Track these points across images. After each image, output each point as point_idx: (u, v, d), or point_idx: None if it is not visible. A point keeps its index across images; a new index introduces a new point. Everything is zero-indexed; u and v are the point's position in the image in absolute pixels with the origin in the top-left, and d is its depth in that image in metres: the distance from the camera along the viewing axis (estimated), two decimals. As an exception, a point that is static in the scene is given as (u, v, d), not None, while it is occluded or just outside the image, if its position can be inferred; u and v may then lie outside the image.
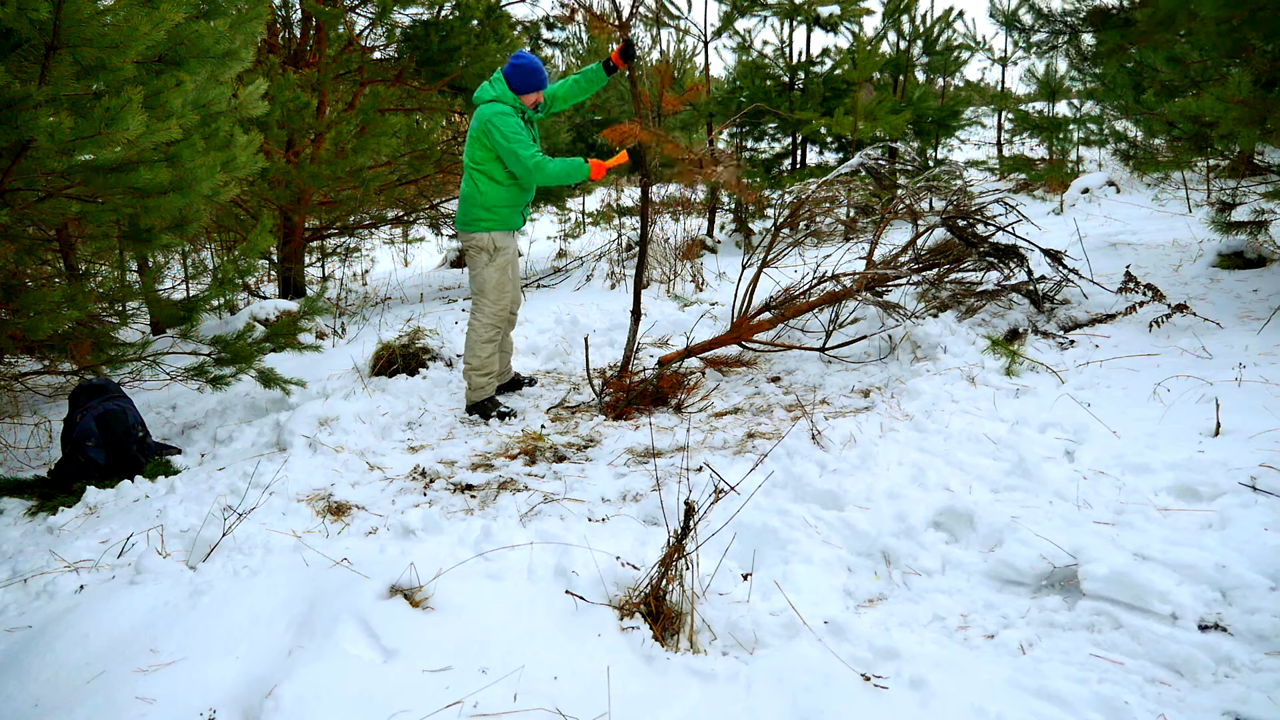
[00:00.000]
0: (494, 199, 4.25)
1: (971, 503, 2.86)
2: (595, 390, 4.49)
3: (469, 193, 4.29)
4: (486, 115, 4.13)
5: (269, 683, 2.04)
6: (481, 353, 4.34)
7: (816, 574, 2.56)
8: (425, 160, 8.16)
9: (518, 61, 4.19)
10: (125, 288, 4.75)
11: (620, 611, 2.29)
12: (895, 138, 9.36)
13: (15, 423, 4.79)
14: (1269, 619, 2.15)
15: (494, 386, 4.47)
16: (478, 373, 4.36)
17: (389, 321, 6.95)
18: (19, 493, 3.68)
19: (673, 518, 2.55)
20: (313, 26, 7.51)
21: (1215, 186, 7.72)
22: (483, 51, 7.30)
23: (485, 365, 4.36)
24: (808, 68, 9.21)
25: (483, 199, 4.24)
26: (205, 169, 3.61)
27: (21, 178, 3.27)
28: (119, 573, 2.73)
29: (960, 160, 11.30)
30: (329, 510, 3.27)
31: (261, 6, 3.94)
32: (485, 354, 4.35)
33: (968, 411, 3.70)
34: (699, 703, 2.02)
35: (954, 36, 10.61)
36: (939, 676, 2.03)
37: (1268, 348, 3.95)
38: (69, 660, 2.21)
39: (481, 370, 4.36)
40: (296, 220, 7.73)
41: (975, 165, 11.68)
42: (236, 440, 4.14)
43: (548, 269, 9.16)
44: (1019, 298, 4.94)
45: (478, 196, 4.25)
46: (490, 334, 4.36)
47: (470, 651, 2.15)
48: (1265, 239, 5.43)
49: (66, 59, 2.99)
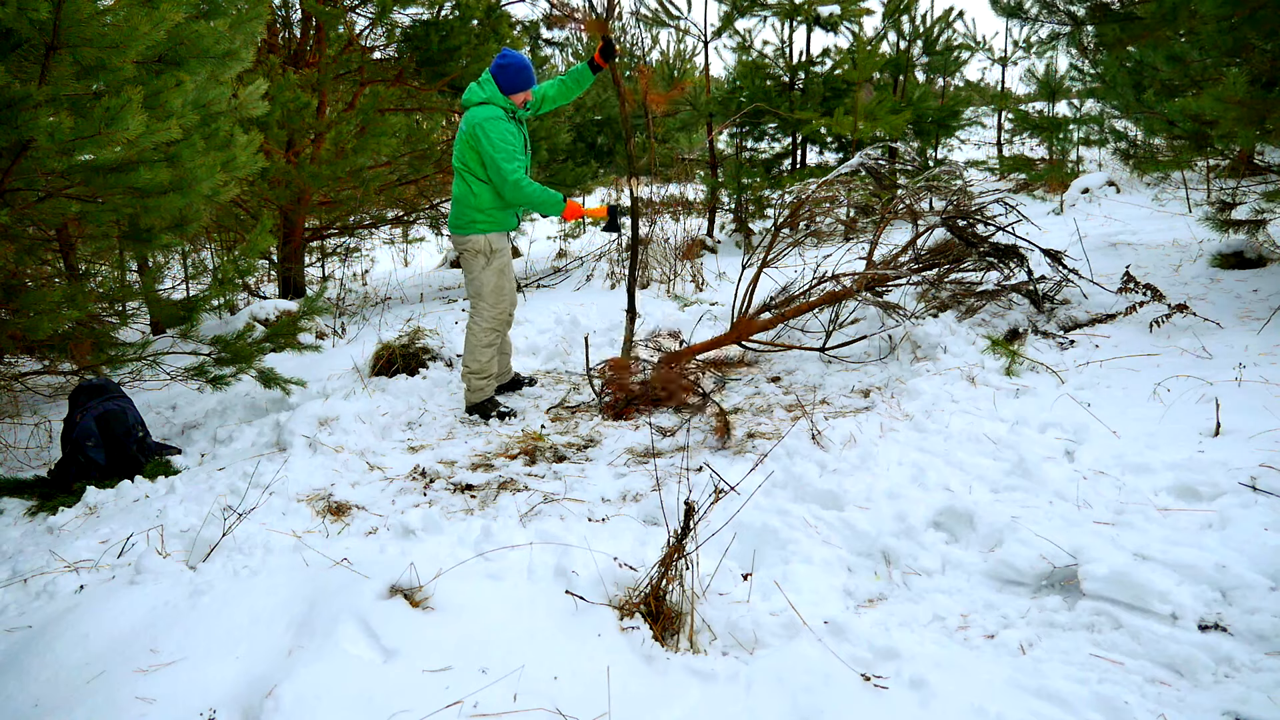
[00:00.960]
0: (487, 200, 4.24)
1: (971, 503, 2.86)
2: (595, 390, 4.49)
3: (462, 195, 4.28)
4: (478, 119, 4.12)
5: (269, 683, 2.04)
6: (481, 357, 4.36)
7: (816, 574, 2.56)
8: (425, 160, 8.16)
9: (504, 61, 4.18)
10: (125, 288, 4.75)
11: (620, 611, 2.29)
12: (895, 138, 9.37)
13: (15, 423, 4.79)
14: (1269, 619, 2.15)
15: (493, 388, 4.48)
16: (477, 375, 4.38)
17: (389, 321, 6.95)
18: (19, 493, 3.68)
19: (673, 518, 2.55)
20: (313, 26, 7.51)
21: (1215, 186, 7.73)
22: (482, 51, 7.30)
23: (485, 369, 4.38)
24: (808, 68, 9.21)
25: (476, 201, 4.24)
26: (205, 169, 3.61)
27: (21, 178, 3.27)
28: (119, 573, 2.73)
29: (960, 160, 11.29)
30: (329, 510, 3.27)
31: (261, 6, 3.94)
32: (485, 358, 4.37)
33: (968, 411, 3.70)
34: (699, 703, 2.02)
35: (954, 36, 10.60)
36: (939, 676, 2.03)
37: (1268, 348, 3.95)
38: (69, 660, 2.21)
39: (481, 373, 4.38)
40: (296, 220, 7.73)
41: (975, 165, 11.68)
42: (236, 440, 4.14)
43: (548, 269, 9.16)
44: (1019, 298, 4.94)
45: (471, 199, 4.24)
46: (489, 338, 4.37)
47: (470, 651, 2.15)
48: (1265, 238, 5.43)
49: (66, 59, 2.99)
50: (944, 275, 4.96)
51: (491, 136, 4.08)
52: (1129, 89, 5.58)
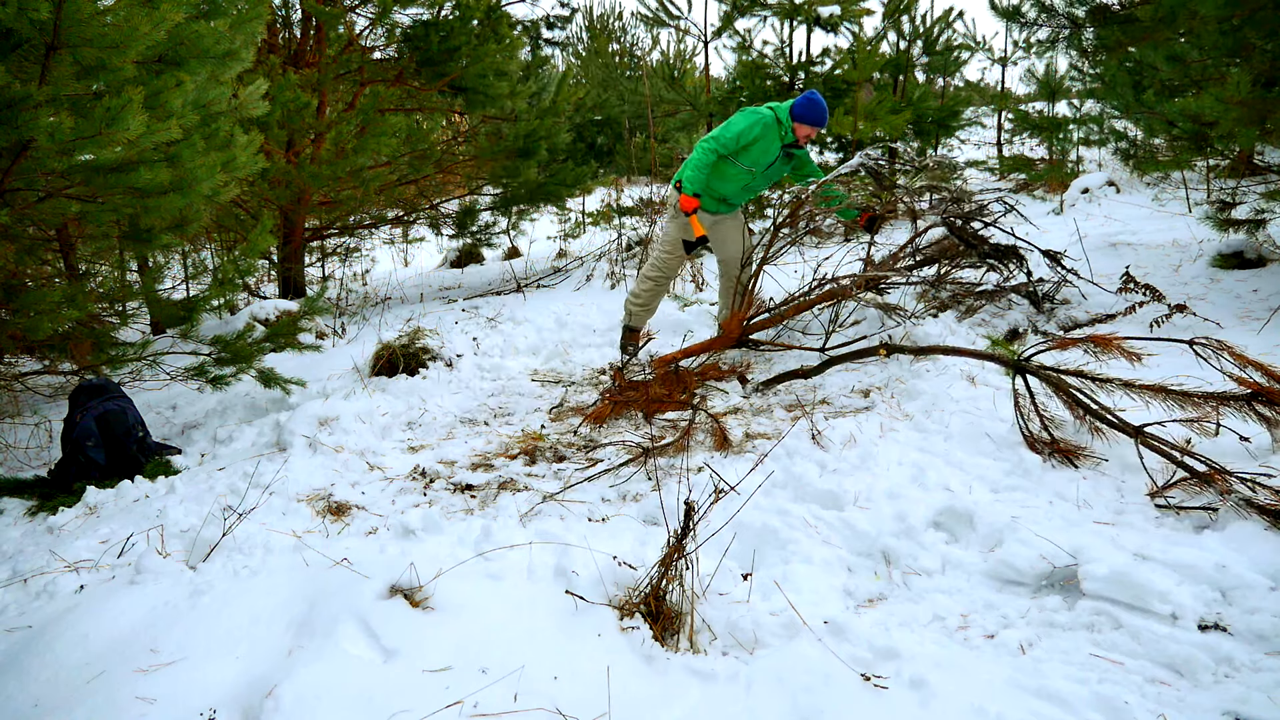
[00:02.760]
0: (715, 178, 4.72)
1: (971, 503, 2.86)
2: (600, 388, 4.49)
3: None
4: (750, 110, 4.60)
5: (269, 683, 2.04)
6: (641, 286, 5.03)
7: (816, 574, 2.56)
8: (425, 160, 8.16)
9: (813, 96, 4.58)
10: (125, 288, 4.75)
11: (620, 611, 2.29)
12: (895, 138, 9.37)
13: (15, 423, 4.79)
14: (1269, 619, 2.15)
15: (643, 318, 5.08)
16: (633, 301, 5.04)
17: (389, 321, 6.94)
18: (19, 493, 3.68)
19: (672, 518, 2.55)
20: (313, 26, 7.51)
21: (1215, 186, 7.73)
22: (483, 52, 7.30)
23: (641, 296, 5.00)
24: (808, 68, 9.22)
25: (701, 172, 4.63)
26: (205, 169, 3.61)
27: (22, 178, 3.27)
28: (119, 573, 2.73)
29: (960, 160, 11.28)
30: (329, 510, 3.27)
31: (261, 6, 3.94)
32: (644, 287, 5.01)
33: (968, 411, 3.70)
34: (699, 703, 2.02)
35: (954, 36, 10.61)
36: (939, 676, 2.03)
37: (1267, 348, 3.95)
38: (69, 660, 2.21)
39: (637, 300, 5.02)
40: (296, 220, 7.73)
41: (975, 165, 11.68)
42: (236, 440, 4.14)
43: (548, 269, 9.16)
44: (1018, 298, 4.95)
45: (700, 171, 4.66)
46: (654, 273, 4.99)
47: (470, 651, 2.15)
48: (1265, 238, 5.43)
49: (67, 59, 2.99)
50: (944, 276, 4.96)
51: (740, 116, 4.57)
52: (1129, 89, 5.58)
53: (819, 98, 4.56)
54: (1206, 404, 3.07)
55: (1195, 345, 3.24)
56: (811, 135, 4.63)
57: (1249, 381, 3.06)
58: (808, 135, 4.60)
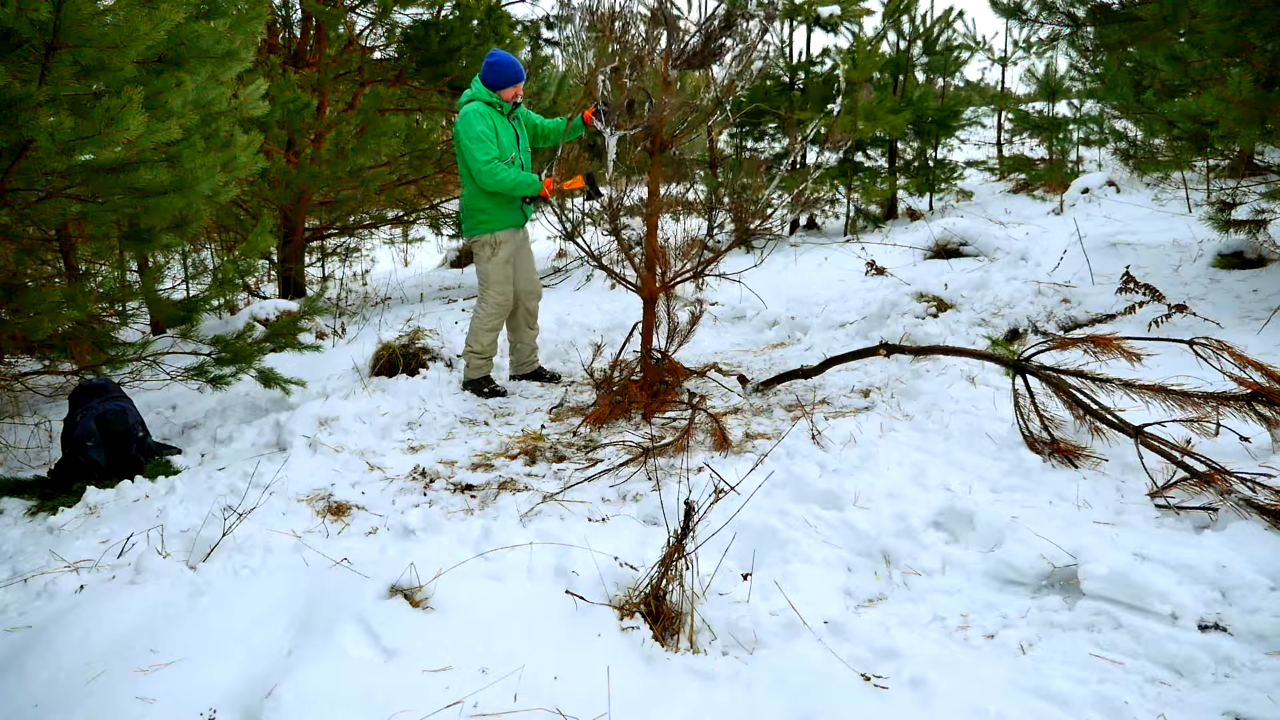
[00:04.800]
0: (485, 199, 4.44)
1: (971, 503, 2.86)
2: (595, 386, 4.49)
3: (466, 198, 4.53)
4: (459, 118, 4.35)
5: (269, 683, 2.04)
6: (484, 339, 4.67)
7: (816, 574, 2.56)
8: (425, 160, 8.17)
9: (490, 58, 4.41)
10: (125, 288, 4.75)
11: (620, 611, 2.29)
12: (895, 137, 9.37)
13: (15, 423, 4.79)
14: (1269, 619, 2.15)
15: (488, 369, 4.78)
16: (476, 355, 4.70)
17: (389, 321, 6.94)
18: (19, 493, 3.68)
19: (672, 518, 2.54)
20: (313, 26, 7.51)
21: (1215, 186, 7.72)
22: (482, 52, 7.30)
23: (485, 350, 4.69)
24: (808, 68, 9.21)
25: (473, 200, 4.46)
26: (205, 169, 3.61)
27: (22, 178, 3.27)
28: (119, 573, 2.73)
29: (960, 160, 11.27)
30: (329, 510, 3.27)
31: (261, 6, 3.94)
32: (486, 341, 4.67)
33: (967, 411, 3.70)
34: (699, 703, 2.02)
35: (954, 36, 10.59)
36: (939, 676, 2.03)
37: (1268, 348, 3.95)
38: (69, 660, 2.21)
39: (481, 354, 4.70)
40: (296, 220, 7.73)
41: (975, 165, 11.67)
42: (236, 440, 4.14)
43: (548, 269, 9.16)
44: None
45: (470, 199, 4.48)
46: (492, 323, 4.65)
47: (470, 651, 2.15)
48: (1265, 238, 5.43)
49: (67, 59, 2.99)
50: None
51: (465, 130, 4.31)
52: (1129, 89, 5.58)
53: (499, 54, 4.41)
54: (1206, 404, 3.07)
55: (1195, 345, 3.24)
56: (519, 91, 4.46)
57: (1249, 381, 3.06)
58: (515, 93, 4.44)
